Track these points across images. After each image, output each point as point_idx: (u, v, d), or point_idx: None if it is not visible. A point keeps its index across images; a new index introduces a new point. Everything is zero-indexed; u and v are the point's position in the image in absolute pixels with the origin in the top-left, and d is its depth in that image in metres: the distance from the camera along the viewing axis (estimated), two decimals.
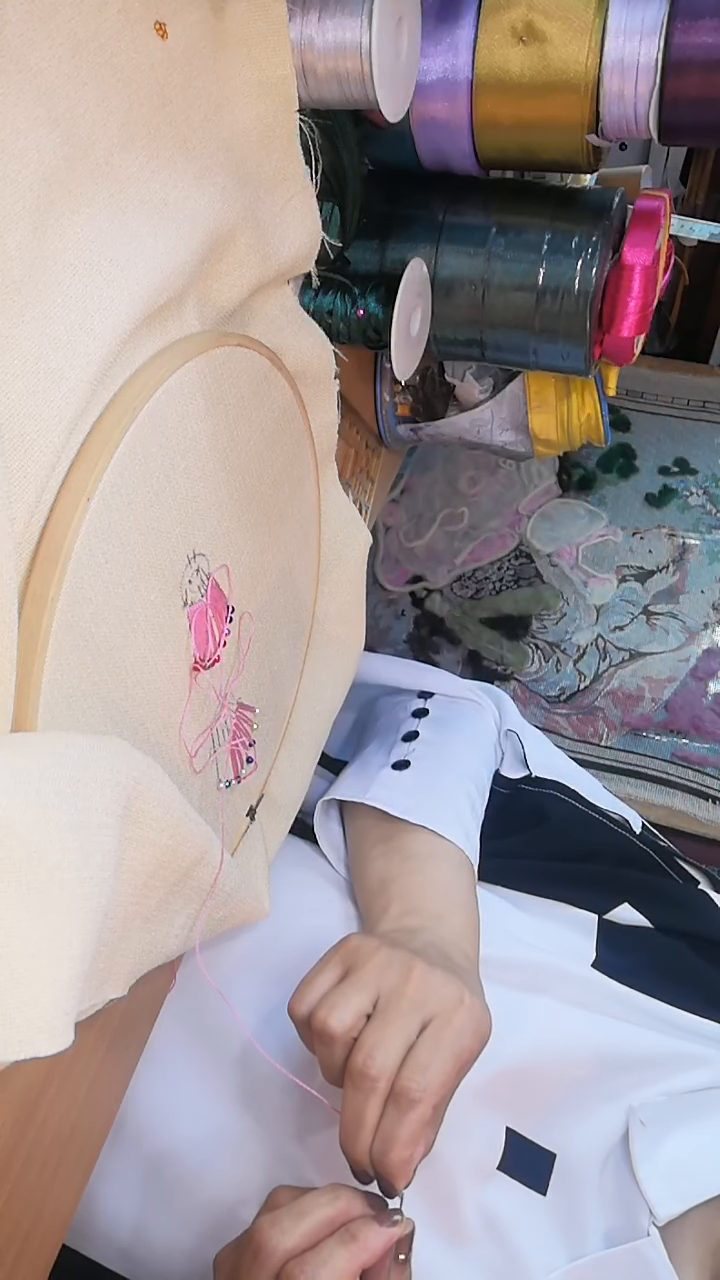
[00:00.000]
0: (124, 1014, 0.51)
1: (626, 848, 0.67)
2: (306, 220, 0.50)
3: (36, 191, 0.34)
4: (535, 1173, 0.53)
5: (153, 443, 0.40)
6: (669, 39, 0.50)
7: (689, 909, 0.63)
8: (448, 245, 0.61)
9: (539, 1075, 0.55)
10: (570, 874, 0.64)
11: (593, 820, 0.68)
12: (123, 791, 0.37)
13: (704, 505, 1.36)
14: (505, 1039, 0.51)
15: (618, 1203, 0.51)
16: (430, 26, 0.53)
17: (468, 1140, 0.53)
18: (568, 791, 0.69)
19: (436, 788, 0.63)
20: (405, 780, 0.63)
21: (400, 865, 0.59)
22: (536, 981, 0.57)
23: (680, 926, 0.62)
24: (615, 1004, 0.57)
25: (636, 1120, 0.52)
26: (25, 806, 0.32)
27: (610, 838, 0.68)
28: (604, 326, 0.62)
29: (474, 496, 1.42)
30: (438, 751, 0.66)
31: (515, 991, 0.56)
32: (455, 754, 0.67)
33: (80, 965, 0.34)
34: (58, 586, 0.35)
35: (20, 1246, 0.46)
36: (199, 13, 0.41)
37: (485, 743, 0.70)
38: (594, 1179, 0.52)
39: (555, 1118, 0.54)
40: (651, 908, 0.62)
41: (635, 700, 1.30)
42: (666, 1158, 0.51)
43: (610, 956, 0.59)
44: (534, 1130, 0.54)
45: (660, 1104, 0.53)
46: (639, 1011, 0.57)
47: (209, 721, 0.49)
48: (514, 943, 0.59)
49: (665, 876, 0.66)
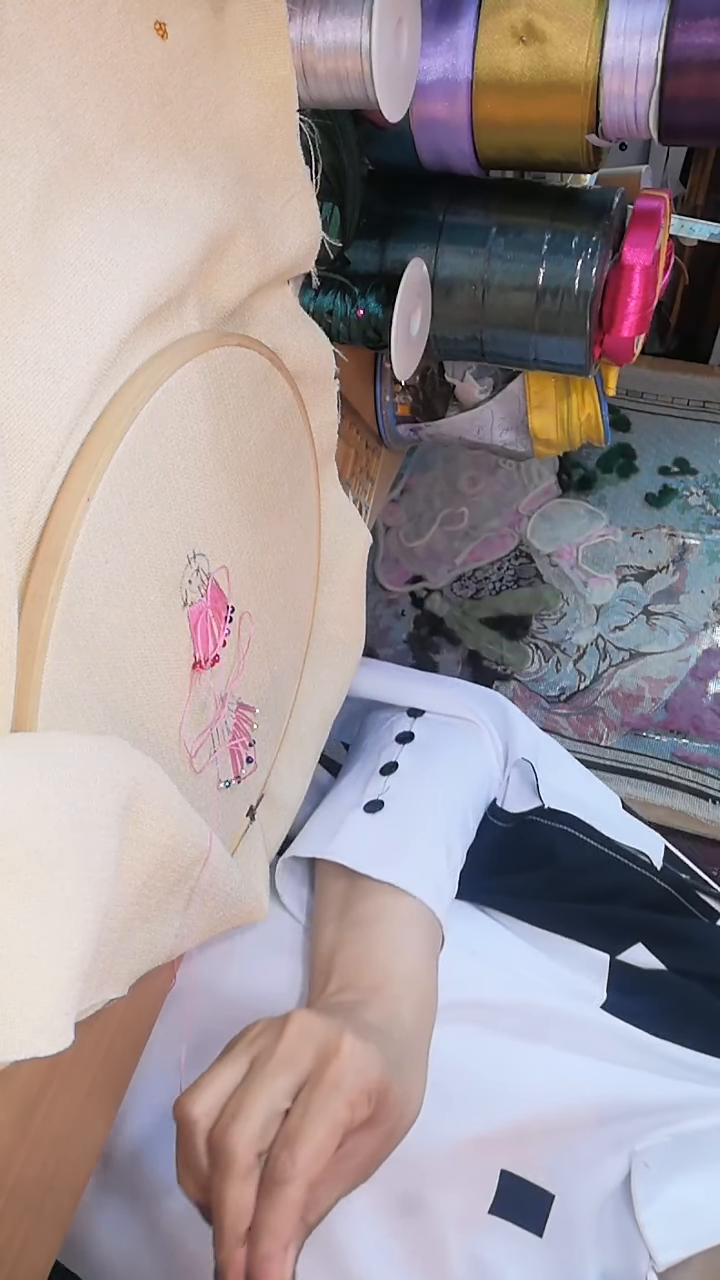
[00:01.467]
0: (124, 1014, 0.51)
1: (644, 888, 0.64)
2: (306, 220, 0.50)
3: (36, 191, 0.34)
4: (532, 1214, 0.50)
5: (153, 443, 0.40)
6: (669, 39, 0.50)
7: (707, 949, 0.61)
8: (448, 245, 0.61)
9: (539, 1126, 0.52)
10: (582, 914, 0.61)
11: (607, 860, 0.65)
12: (123, 791, 0.37)
13: (704, 505, 1.36)
14: (505, 1094, 0.50)
15: (617, 1246, 0.49)
16: (430, 26, 0.53)
17: (456, 1188, 0.50)
18: (582, 826, 0.66)
19: (407, 834, 0.59)
20: (374, 826, 0.60)
21: (348, 933, 0.56)
22: (539, 1027, 0.55)
23: (696, 969, 0.59)
24: (623, 1048, 0.55)
25: (640, 1163, 0.50)
26: (25, 806, 0.32)
27: (626, 878, 0.64)
28: (604, 326, 0.62)
29: (474, 496, 1.42)
30: (415, 787, 0.63)
31: (516, 1040, 0.54)
32: (434, 791, 0.63)
33: (80, 965, 0.34)
34: (58, 586, 0.35)
35: (20, 1246, 0.46)
36: (199, 13, 0.41)
37: (473, 772, 0.67)
38: (592, 1221, 0.49)
39: (555, 1161, 0.52)
40: (666, 950, 0.60)
41: (635, 700, 1.30)
42: (670, 1201, 0.48)
43: (621, 999, 0.57)
44: (532, 1172, 0.51)
45: (665, 1145, 0.51)
46: (648, 1054, 0.55)
47: (209, 721, 0.49)
48: (518, 983, 0.57)
49: (684, 915, 0.63)
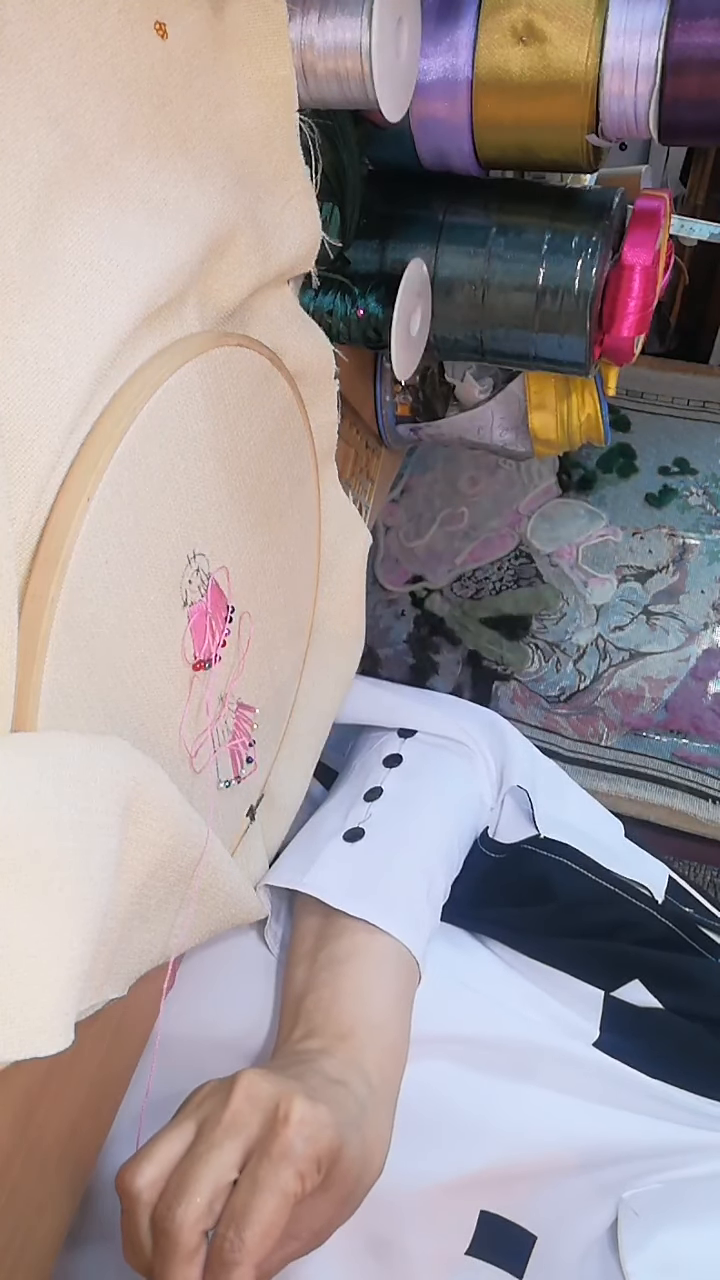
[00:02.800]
0: (124, 1014, 0.51)
1: (644, 923, 0.62)
2: (306, 220, 0.50)
3: (36, 191, 0.34)
4: (512, 1255, 0.48)
5: (153, 443, 0.40)
6: (669, 39, 0.50)
7: (705, 988, 0.59)
8: (448, 245, 0.61)
9: (522, 1169, 0.51)
10: (578, 949, 0.59)
11: (606, 894, 0.63)
12: (123, 791, 0.37)
13: (704, 505, 1.36)
14: (487, 1134, 0.48)
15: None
16: (430, 26, 0.53)
17: (431, 1231, 0.48)
18: (579, 858, 0.63)
19: (386, 866, 0.58)
20: (352, 856, 0.58)
21: (319, 975, 0.54)
22: (527, 1066, 0.54)
23: (694, 1008, 0.58)
24: (614, 1088, 0.53)
25: (628, 1209, 0.48)
26: (25, 806, 0.32)
27: (625, 913, 0.62)
28: (604, 326, 0.62)
29: (474, 496, 1.42)
30: (399, 816, 0.61)
31: (502, 1079, 0.53)
32: (419, 820, 0.61)
33: (80, 965, 0.34)
34: (58, 587, 0.35)
35: (20, 1246, 0.46)
36: (199, 13, 0.41)
37: (462, 801, 0.65)
38: (575, 1267, 0.47)
39: (539, 1202, 0.50)
40: (663, 988, 0.58)
41: (635, 700, 1.30)
42: (658, 1252, 0.46)
43: (614, 1037, 0.56)
44: (514, 1212, 0.49)
45: (655, 1193, 0.49)
46: (640, 1095, 0.53)
47: (209, 721, 0.49)
48: (509, 1018, 0.55)
49: (685, 951, 0.61)
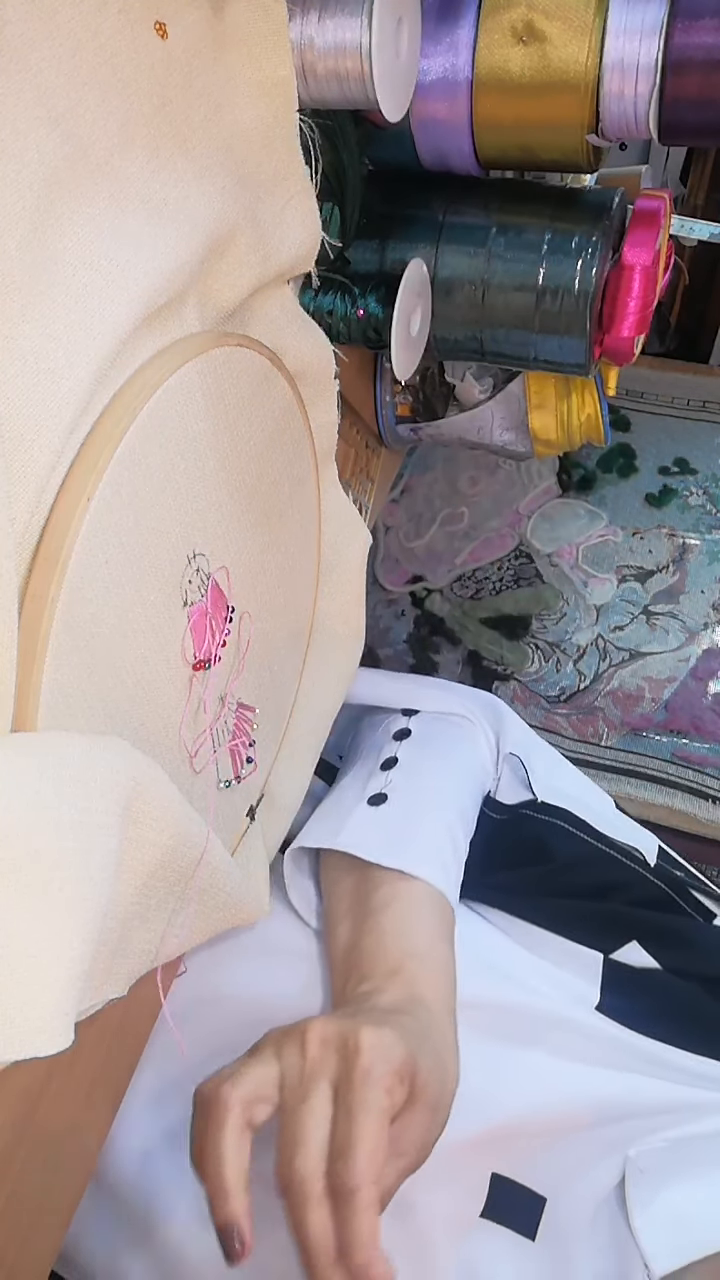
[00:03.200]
0: (124, 1014, 0.51)
1: (638, 885, 0.64)
2: (306, 220, 0.50)
3: (36, 191, 0.34)
4: (524, 1217, 0.49)
5: (153, 443, 0.40)
6: (669, 39, 0.50)
7: (701, 949, 0.60)
8: (448, 245, 0.61)
9: (530, 1129, 0.52)
10: (576, 911, 0.60)
11: (602, 855, 0.64)
12: (123, 791, 0.37)
13: (704, 505, 1.36)
14: (494, 1097, 0.49)
15: (611, 1253, 0.48)
16: (430, 26, 0.53)
17: (446, 1192, 0.50)
18: (575, 822, 0.65)
19: (411, 824, 0.60)
20: (380, 817, 0.60)
21: (361, 925, 0.56)
22: (531, 1031, 0.55)
23: (691, 969, 0.59)
24: (617, 1052, 0.54)
25: (635, 1167, 0.49)
26: (25, 806, 0.32)
27: (621, 874, 0.64)
28: (604, 326, 0.62)
29: (474, 496, 1.42)
30: (416, 781, 0.63)
31: (507, 1046, 0.54)
32: (435, 782, 0.63)
33: (80, 965, 0.34)
34: (58, 587, 0.35)
35: (20, 1246, 0.46)
36: (199, 13, 0.41)
37: (470, 766, 0.67)
38: (586, 1226, 0.49)
39: (547, 1164, 0.51)
40: (661, 949, 0.59)
41: (635, 700, 1.30)
42: (665, 1208, 0.48)
43: (615, 1000, 0.56)
44: (524, 1175, 0.51)
45: (661, 1150, 0.50)
46: (643, 1058, 0.54)
47: (209, 721, 0.49)
48: (510, 985, 0.56)
49: (679, 913, 0.63)
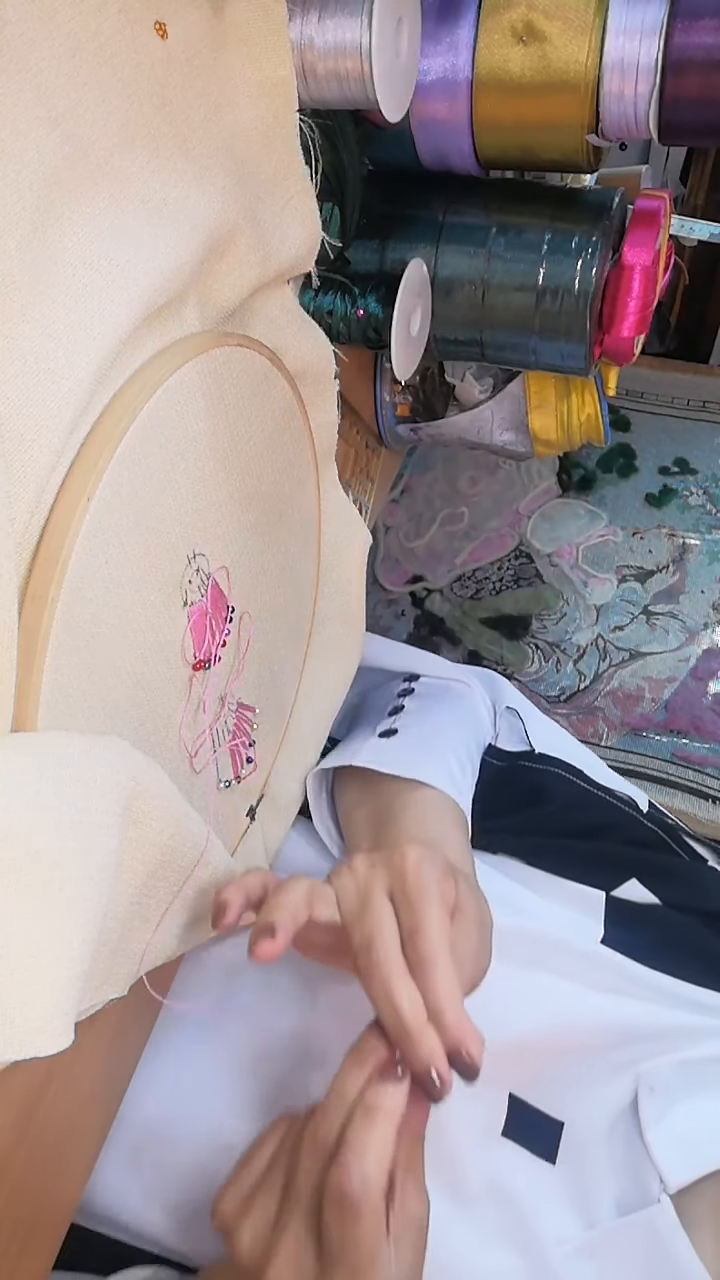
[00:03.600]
0: (124, 1014, 0.51)
1: (633, 826, 0.66)
2: (306, 220, 0.50)
3: (36, 191, 0.34)
4: (543, 1142, 0.51)
5: (153, 443, 0.40)
6: (669, 39, 0.50)
7: (698, 885, 0.62)
8: (448, 245, 0.61)
9: (543, 1049, 0.53)
10: (576, 851, 0.62)
11: (598, 799, 0.67)
12: (123, 791, 0.37)
13: (704, 505, 1.36)
14: (506, 1015, 0.50)
15: (627, 1170, 0.50)
16: (430, 26, 0.53)
17: (467, 1109, 0.51)
18: (571, 770, 0.68)
19: (422, 747, 0.63)
20: (393, 744, 0.63)
21: (389, 816, 0.59)
22: (541, 957, 0.56)
23: (690, 903, 0.61)
24: (624, 980, 0.56)
25: (646, 1086, 0.51)
26: (25, 806, 0.32)
27: (616, 816, 0.66)
28: (604, 326, 0.62)
29: (474, 496, 1.42)
30: (423, 720, 0.66)
31: (518, 967, 0.55)
32: (440, 721, 0.67)
33: (80, 965, 0.34)
34: (58, 586, 0.35)
35: (20, 1246, 0.46)
36: (199, 13, 0.41)
37: (471, 717, 0.70)
38: (602, 1147, 0.51)
39: (561, 1087, 0.53)
40: (660, 884, 0.61)
41: (635, 700, 1.30)
42: (677, 1125, 0.50)
43: (619, 933, 0.58)
44: (539, 1099, 0.52)
45: (670, 1070, 0.52)
46: (649, 988, 0.56)
47: (209, 721, 0.49)
48: (518, 914, 0.58)
49: (673, 854, 0.65)
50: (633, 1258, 0.48)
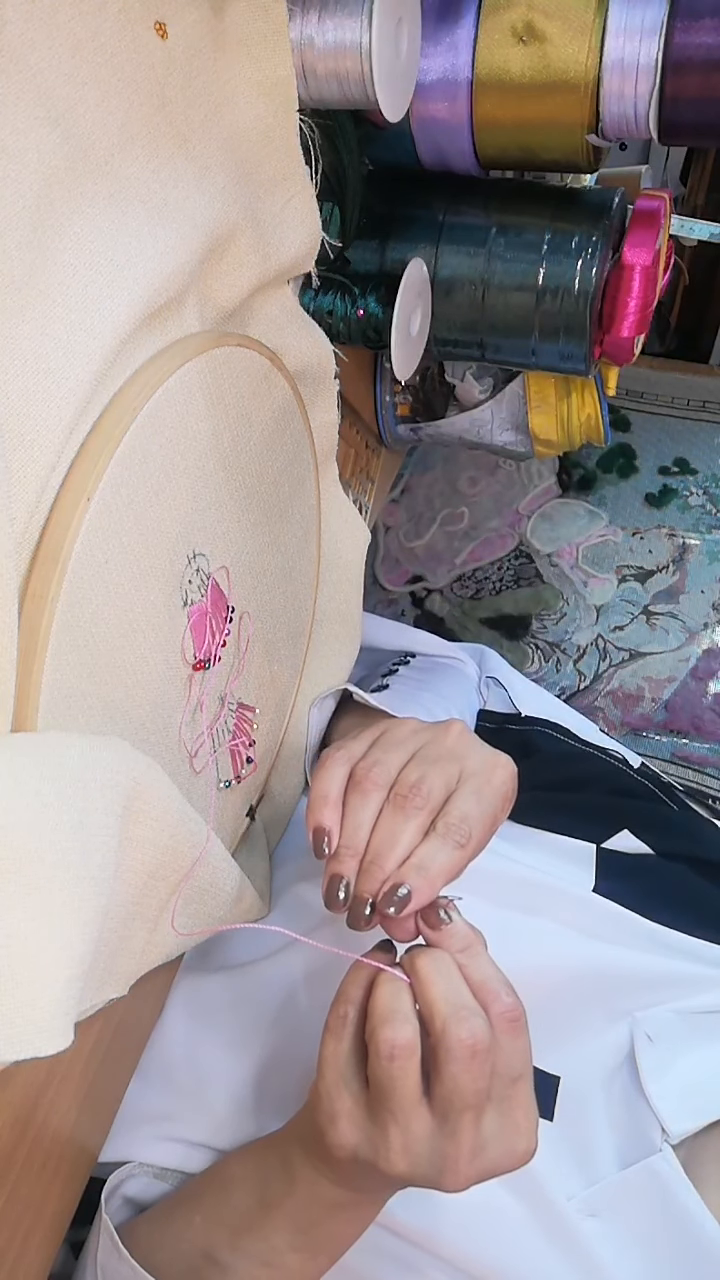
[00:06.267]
0: (124, 1014, 0.51)
1: (623, 778, 0.66)
2: (306, 220, 0.50)
3: (36, 191, 0.34)
4: (539, 1096, 0.50)
5: (153, 443, 0.40)
6: (669, 39, 0.50)
7: (689, 834, 0.61)
8: (448, 245, 0.61)
9: (536, 996, 0.52)
10: (565, 804, 0.62)
11: (586, 753, 0.67)
12: (123, 791, 0.37)
13: (704, 505, 1.36)
14: (500, 958, 0.49)
15: (627, 1122, 0.49)
16: (430, 26, 0.53)
17: None
18: (559, 729, 0.68)
19: (415, 699, 0.64)
20: (384, 697, 0.64)
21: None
22: (534, 903, 0.56)
23: (681, 851, 0.60)
24: (617, 928, 0.55)
25: (643, 1035, 0.50)
26: (25, 806, 0.32)
27: (605, 768, 0.66)
28: (604, 326, 0.62)
29: (474, 496, 1.42)
30: (415, 678, 0.68)
31: (511, 911, 0.55)
32: (432, 681, 0.68)
33: (80, 965, 0.34)
34: (58, 586, 0.35)
35: (20, 1246, 0.46)
36: (199, 13, 0.41)
37: (462, 683, 0.71)
38: (601, 1099, 0.50)
39: (556, 1039, 0.51)
40: (652, 834, 0.60)
41: (635, 700, 1.30)
42: (678, 1076, 0.49)
43: (610, 883, 0.58)
44: (534, 1054, 0.51)
45: (668, 1020, 0.51)
46: (641, 936, 0.55)
47: (209, 721, 0.49)
48: (512, 865, 0.57)
49: (664, 805, 0.65)
50: (639, 1211, 0.47)
